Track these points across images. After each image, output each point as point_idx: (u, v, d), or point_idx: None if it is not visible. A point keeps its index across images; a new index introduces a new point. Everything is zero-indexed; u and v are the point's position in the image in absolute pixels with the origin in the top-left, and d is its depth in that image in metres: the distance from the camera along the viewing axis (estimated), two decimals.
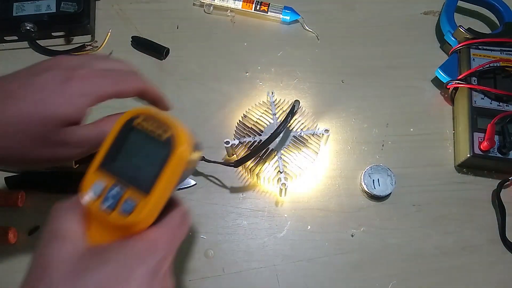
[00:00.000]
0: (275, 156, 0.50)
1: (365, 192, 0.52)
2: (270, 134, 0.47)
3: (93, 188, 0.29)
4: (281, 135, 0.49)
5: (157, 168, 0.29)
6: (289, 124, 0.51)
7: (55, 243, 0.27)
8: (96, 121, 0.38)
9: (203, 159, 0.52)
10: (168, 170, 0.29)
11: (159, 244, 0.29)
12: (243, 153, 0.51)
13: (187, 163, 0.31)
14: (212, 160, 0.51)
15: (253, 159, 0.49)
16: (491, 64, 0.55)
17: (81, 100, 0.35)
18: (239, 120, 0.53)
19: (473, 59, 0.57)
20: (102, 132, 0.36)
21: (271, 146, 0.50)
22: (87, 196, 0.29)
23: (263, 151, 0.50)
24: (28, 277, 0.27)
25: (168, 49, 0.61)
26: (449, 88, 0.57)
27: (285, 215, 0.52)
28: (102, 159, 0.30)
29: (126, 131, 0.30)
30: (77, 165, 0.52)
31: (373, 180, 0.52)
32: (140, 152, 0.30)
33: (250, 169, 0.50)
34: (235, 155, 0.52)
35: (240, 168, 0.51)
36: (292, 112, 0.48)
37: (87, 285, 0.25)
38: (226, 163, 0.50)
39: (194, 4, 0.65)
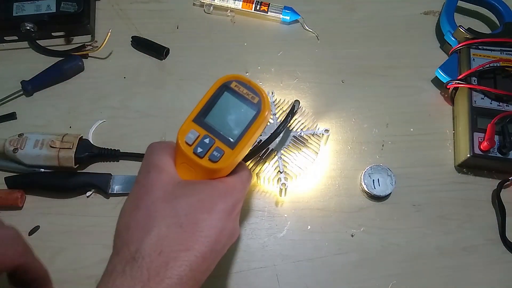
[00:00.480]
0: (275, 156, 0.50)
1: (365, 192, 0.52)
2: (270, 134, 0.47)
3: (189, 135, 0.35)
4: (281, 135, 0.49)
5: (244, 126, 0.35)
6: (289, 124, 0.51)
7: (156, 172, 0.33)
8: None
9: None
10: (254, 128, 0.35)
11: (235, 189, 0.35)
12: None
13: (265, 126, 0.37)
14: None
15: (253, 159, 0.49)
16: (491, 64, 0.55)
17: None
18: None
19: (473, 59, 0.57)
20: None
21: (271, 146, 0.50)
22: (183, 141, 0.35)
23: (263, 151, 0.50)
24: (132, 194, 0.33)
25: (168, 49, 0.61)
26: (449, 88, 0.57)
27: (285, 215, 0.52)
28: (197, 112, 0.36)
29: (222, 91, 0.36)
30: (77, 165, 0.52)
31: (373, 180, 0.52)
32: (231, 110, 0.36)
33: (250, 169, 0.50)
34: None
35: None
36: (292, 112, 0.48)
37: (179, 207, 0.31)
38: None
39: (194, 4, 0.65)
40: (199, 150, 0.34)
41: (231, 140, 0.35)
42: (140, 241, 0.29)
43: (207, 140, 0.35)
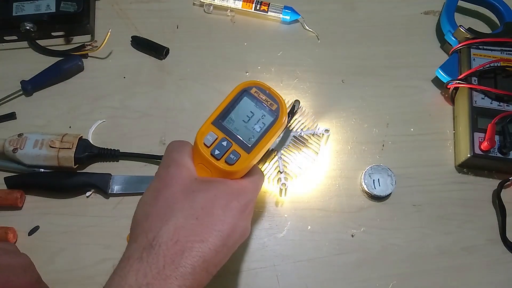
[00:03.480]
0: (275, 156, 0.50)
1: (366, 192, 0.52)
2: None
3: (207, 137, 0.36)
4: (281, 135, 0.49)
5: (261, 132, 0.37)
6: (289, 124, 0.51)
7: (176, 167, 0.35)
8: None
9: None
10: (270, 134, 0.37)
11: (248, 189, 0.36)
12: None
13: (280, 132, 0.39)
14: None
15: None
16: (492, 64, 0.55)
17: None
18: None
19: (474, 59, 0.57)
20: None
21: (271, 146, 0.50)
22: (202, 142, 0.36)
23: None
24: (152, 186, 0.34)
25: (168, 49, 0.61)
26: (449, 88, 0.57)
27: (285, 215, 0.52)
28: (217, 115, 0.37)
29: (241, 96, 0.37)
30: (77, 165, 0.52)
31: (374, 180, 0.52)
32: (250, 115, 0.37)
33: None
34: None
35: None
36: (292, 112, 0.48)
37: (196, 200, 0.33)
38: None
39: (194, 4, 0.65)
40: (217, 152, 0.36)
41: (248, 144, 0.36)
42: (158, 230, 0.31)
43: (224, 143, 0.36)
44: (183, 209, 0.32)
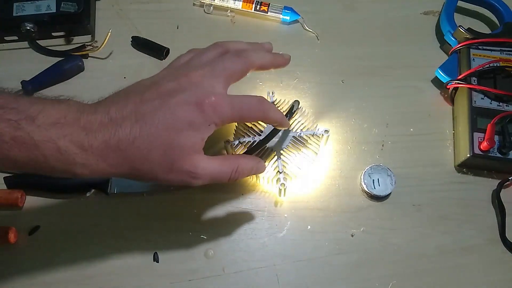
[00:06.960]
0: (274, 156, 0.50)
1: (365, 192, 0.52)
2: (267, 133, 0.47)
3: None
4: (279, 134, 0.49)
5: None
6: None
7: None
8: (220, 157, 0.40)
9: None
10: None
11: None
12: (242, 153, 0.51)
13: None
14: None
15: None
16: (491, 64, 0.55)
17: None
18: None
19: (473, 59, 0.57)
20: (224, 171, 0.40)
21: (271, 146, 0.50)
22: None
23: (260, 149, 0.50)
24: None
25: (168, 49, 0.61)
26: (449, 88, 0.57)
27: (285, 215, 0.52)
28: None
29: None
30: None
31: (373, 180, 0.52)
32: None
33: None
34: None
35: None
36: (290, 112, 0.48)
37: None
38: None
39: (194, 4, 0.65)
40: None
41: None
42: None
43: None
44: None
